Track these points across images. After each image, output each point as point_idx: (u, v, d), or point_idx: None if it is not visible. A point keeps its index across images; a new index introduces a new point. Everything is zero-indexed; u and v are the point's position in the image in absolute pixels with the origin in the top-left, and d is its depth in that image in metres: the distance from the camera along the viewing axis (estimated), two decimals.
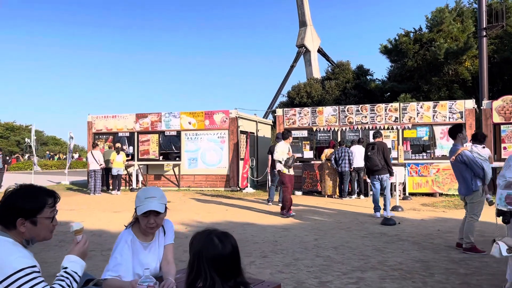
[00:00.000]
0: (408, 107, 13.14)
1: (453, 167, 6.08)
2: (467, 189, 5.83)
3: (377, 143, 8.92)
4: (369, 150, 8.91)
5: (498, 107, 12.13)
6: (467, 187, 5.81)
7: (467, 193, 5.86)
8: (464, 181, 5.83)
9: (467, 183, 5.78)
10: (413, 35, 20.94)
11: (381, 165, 8.77)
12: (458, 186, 6.11)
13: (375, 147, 8.83)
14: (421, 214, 9.15)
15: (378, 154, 8.77)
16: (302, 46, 41.86)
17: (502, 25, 16.50)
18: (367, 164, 8.99)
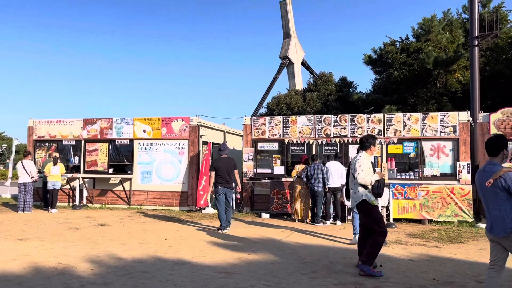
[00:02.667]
0: (393, 119, 11.38)
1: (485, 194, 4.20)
2: (503, 229, 3.97)
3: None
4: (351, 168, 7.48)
5: (497, 120, 10.46)
6: (504, 225, 3.96)
7: (501, 234, 3.98)
8: (500, 216, 3.98)
9: (504, 221, 3.95)
10: (399, 44, 19.44)
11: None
12: (489, 222, 4.17)
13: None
14: (408, 250, 7.26)
15: None
16: (286, 58, 40.40)
17: (496, 33, 15.03)
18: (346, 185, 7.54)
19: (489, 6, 18.39)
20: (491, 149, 4.20)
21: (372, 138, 5.90)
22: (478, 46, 14.97)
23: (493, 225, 4.05)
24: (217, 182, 8.92)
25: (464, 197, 10.33)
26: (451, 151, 10.95)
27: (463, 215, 10.29)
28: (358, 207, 5.79)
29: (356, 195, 5.78)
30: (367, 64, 21.06)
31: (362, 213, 5.78)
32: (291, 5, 39.62)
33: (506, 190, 3.97)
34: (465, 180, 10.63)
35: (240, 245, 7.57)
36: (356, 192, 5.78)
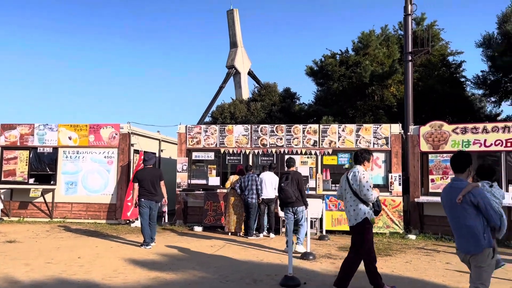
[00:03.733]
0: (328, 130, 11.36)
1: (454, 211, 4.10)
2: (476, 245, 3.90)
3: (291, 173, 8.06)
4: (282, 180, 7.97)
5: (426, 133, 10.71)
6: (476, 242, 3.89)
7: (475, 250, 3.90)
8: (471, 233, 3.92)
9: (476, 237, 3.90)
10: (339, 57, 19.82)
11: (295, 197, 7.93)
12: (458, 240, 4.09)
13: (289, 177, 7.94)
14: (336, 265, 7.08)
15: (292, 185, 7.91)
16: (232, 67, 40.26)
17: (428, 50, 15.69)
18: (280, 196, 8.06)
19: (422, 24, 19.23)
20: (458, 166, 4.15)
21: (367, 153, 5.61)
22: (412, 62, 15.54)
23: (465, 242, 3.97)
24: (141, 195, 8.31)
25: (395, 208, 10.44)
26: (384, 162, 11.08)
27: (394, 227, 10.38)
28: (357, 225, 5.29)
29: (356, 213, 5.29)
30: (309, 75, 21.28)
31: (358, 231, 5.30)
32: (238, 15, 39.62)
33: (474, 206, 3.94)
34: (397, 192, 10.76)
35: (161, 262, 7.03)
36: (356, 209, 5.30)
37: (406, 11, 15.34)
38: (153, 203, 8.37)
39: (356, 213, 5.28)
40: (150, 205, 8.34)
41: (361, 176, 5.28)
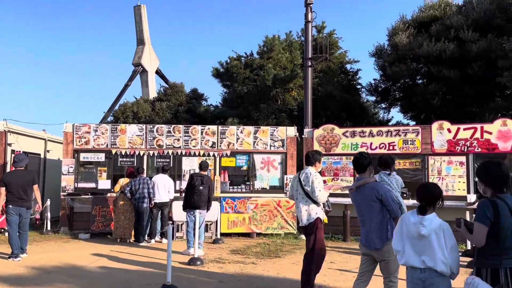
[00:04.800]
0: (227, 131, 11.22)
1: (361, 208, 4.34)
2: (381, 240, 4.08)
3: (205, 177, 8.34)
4: (198, 183, 8.16)
5: (319, 136, 11.08)
6: (380, 236, 4.07)
7: (380, 245, 4.07)
8: (378, 228, 4.10)
9: (381, 231, 4.07)
10: (244, 59, 19.94)
11: (206, 201, 8.32)
12: (366, 236, 4.20)
13: (204, 181, 8.22)
14: (224, 269, 6.90)
15: (205, 189, 8.21)
16: (139, 65, 38.65)
17: (326, 57, 16.38)
18: (193, 198, 8.15)
19: (323, 32, 20.11)
20: (359, 166, 4.49)
21: (318, 154, 5.68)
22: (312, 67, 16.12)
23: (370, 237, 4.14)
24: (8, 200, 7.34)
25: (289, 209, 10.61)
26: (280, 164, 11.24)
27: (288, 227, 10.54)
28: (309, 225, 5.37)
29: (308, 213, 5.37)
30: (215, 77, 21.11)
31: (310, 231, 5.39)
32: (146, 11, 38.18)
33: (379, 201, 4.15)
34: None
35: (28, 277, 6.24)
36: (308, 209, 5.38)
37: (306, 18, 15.87)
38: (23, 209, 7.44)
39: (308, 213, 5.37)
40: (20, 212, 7.40)
41: (313, 178, 5.37)
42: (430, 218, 3.30)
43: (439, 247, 3.26)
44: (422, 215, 3.34)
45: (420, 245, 3.32)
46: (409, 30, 17.37)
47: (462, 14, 16.22)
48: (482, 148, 9.65)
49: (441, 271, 3.24)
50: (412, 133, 10.31)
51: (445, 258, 3.24)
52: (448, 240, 3.27)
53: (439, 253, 3.25)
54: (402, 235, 3.42)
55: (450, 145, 9.94)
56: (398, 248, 3.44)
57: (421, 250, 3.31)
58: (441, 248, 3.25)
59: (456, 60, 15.57)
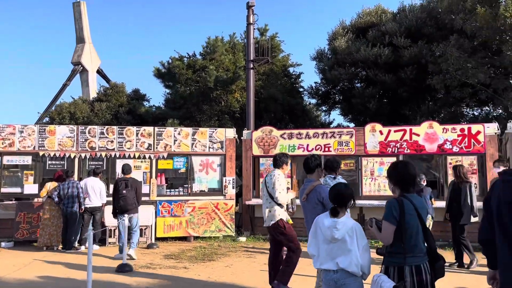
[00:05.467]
0: (164, 133, 10.93)
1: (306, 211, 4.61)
2: None
3: (130, 180, 8.17)
4: (122, 187, 7.98)
5: (258, 138, 11.10)
6: None
7: None
8: None
9: None
10: (187, 60, 19.63)
11: (135, 204, 8.14)
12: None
13: (129, 184, 8.04)
14: (154, 275, 6.67)
15: (131, 192, 8.05)
16: (79, 64, 37.03)
17: (267, 59, 16.48)
18: (119, 203, 7.97)
19: (265, 34, 20.25)
20: (307, 167, 4.65)
21: (285, 156, 5.74)
22: (254, 69, 16.15)
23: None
24: None
25: (228, 211, 10.52)
26: (219, 166, 11.12)
27: (226, 230, 10.44)
28: (273, 226, 5.49)
29: (272, 214, 5.48)
30: (156, 77, 20.59)
31: (278, 232, 5.49)
32: (86, 8, 36.61)
33: (321, 204, 4.23)
34: (231, 195, 10.88)
35: None
36: (272, 210, 5.49)
37: (248, 20, 15.88)
38: None
39: (272, 214, 5.46)
40: None
41: (275, 180, 5.44)
42: (343, 221, 3.34)
43: (352, 249, 3.30)
44: (335, 217, 3.37)
45: (334, 248, 3.34)
46: (348, 35, 17.93)
47: (396, 21, 16.99)
48: (411, 150, 10.10)
49: (353, 271, 3.28)
50: (347, 135, 10.60)
51: (357, 259, 3.28)
52: (360, 241, 3.32)
53: (352, 254, 3.29)
54: (317, 238, 3.42)
55: (382, 146, 10.31)
56: (313, 252, 3.44)
57: (335, 253, 3.33)
58: (354, 249, 3.30)
59: (391, 65, 16.28)
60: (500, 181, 2.39)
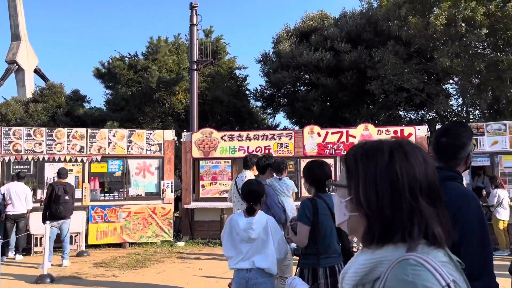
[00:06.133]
0: (97, 135, 10.42)
1: None
2: None
3: (67, 185, 8.01)
4: (61, 192, 7.71)
5: (198, 140, 10.86)
6: None
7: None
8: None
9: None
10: (128, 60, 18.99)
11: (72, 210, 8.05)
12: None
13: (67, 189, 7.85)
14: (78, 285, 6.26)
15: (71, 198, 7.92)
16: (14, 63, 34.83)
17: (211, 61, 16.30)
18: (58, 209, 7.67)
19: (211, 36, 20.05)
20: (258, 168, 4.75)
21: (255, 157, 5.66)
22: (197, 71, 15.90)
23: None
24: None
25: (165, 216, 10.19)
26: (157, 169, 10.76)
27: (163, 235, 10.11)
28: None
29: None
30: (96, 77, 19.77)
31: None
32: (22, 4, 34.55)
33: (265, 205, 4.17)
34: (169, 199, 10.56)
35: None
36: None
37: (191, 21, 15.64)
38: None
39: None
40: None
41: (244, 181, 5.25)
42: (257, 220, 3.24)
43: (268, 246, 3.21)
44: (251, 216, 3.26)
45: (252, 248, 3.23)
46: (292, 39, 18.15)
47: (338, 26, 17.42)
48: None
49: (269, 270, 3.20)
50: (286, 137, 10.63)
51: (274, 256, 3.20)
52: (275, 235, 3.24)
53: (269, 251, 3.21)
54: (233, 239, 3.30)
55: (320, 148, 10.44)
56: (230, 254, 3.31)
57: (252, 252, 3.22)
58: (270, 246, 3.21)
59: (332, 69, 16.64)
60: None
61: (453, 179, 2.03)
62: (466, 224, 1.82)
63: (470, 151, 2.15)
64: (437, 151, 2.19)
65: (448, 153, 2.13)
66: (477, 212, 1.88)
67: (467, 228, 1.81)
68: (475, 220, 1.84)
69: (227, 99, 19.83)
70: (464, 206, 1.86)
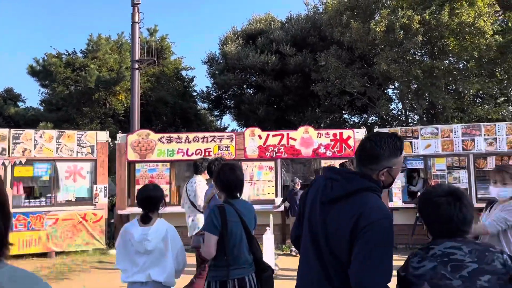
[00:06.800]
0: (22, 136, 9.64)
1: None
2: None
3: None
4: None
5: (134, 142, 10.36)
6: None
7: None
8: None
9: None
10: (66, 57, 17.98)
11: None
12: None
13: None
14: None
15: None
16: None
17: (154, 60, 15.74)
18: None
19: (155, 35, 19.47)
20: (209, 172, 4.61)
21: (206, 161, 5.43)
22: (139, 70, 15.30)
23: None
24: None
25: (97, 223, 9.61)
26: (89, 173, 10.13)
27: (94, 243, 9.52)
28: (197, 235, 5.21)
29: (195, 223, 5.32)
30: (31, 75, 18.55)
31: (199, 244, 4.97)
32: None
33: None
34: (102, 204, 9.97)
35: None
36: (194, 219, 5.34)
37: (133, 18, 15.05)
38: None
39: (194, 223, 5.26)
40: None
41: (196, 187, 5.23)
42: (155, 230, 2.95)
43: (167, 257, 2.93)
44: (147, 224, 2.97)
45: (148, 259, 2.94)
46: (238, 40, 17.98)
47: (284, 29, 17.47)
48: (288, 154, 10.22)
49: (166, 283, 2.93)
50: (227, 139, 10.39)
51: (172, 268, 2.93)
52: (174, 245, 2.97)
53: (167, 263, 2.93)
54: (128, 250, 2.99)
55: (260, 151, 10.28)
56: (124, 267, 2.99)
57: (148, 264, 2.93)
58: (169, 257, 2.94)
59: (278, 72, 16.65)
60: (322, 178, 2.13)
61: (373, 190, 1.94)
62: (373, 238, 1.79)
63: (394, 164, 1.99)
64: (358, 157, 2.07)
65: (366, 160, 2.00)
66: (390, 229, 1.84)
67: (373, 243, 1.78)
68: (386, 236, 1.81)
69: (173, 100, 19.32)
70: (377, 221, 1.81)
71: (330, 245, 1.94)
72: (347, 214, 1.88)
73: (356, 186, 1.91)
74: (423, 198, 1.97)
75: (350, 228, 1.84)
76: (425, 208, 1.93)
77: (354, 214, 1.86)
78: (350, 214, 1.87)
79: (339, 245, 1.89)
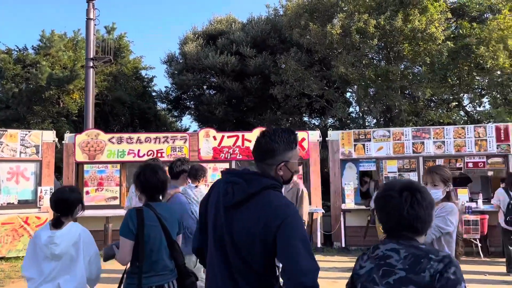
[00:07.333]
0: None
1: None
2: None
3: None
4: None
5: (82, 142, 9.94)
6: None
7: None
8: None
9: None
10: (16, 53, 17.13)
11: None
12: None
13: None
14: None
15: None
16: None
17: (110, 58, 15.25)
18: None
19: (113, 33, 18.92)
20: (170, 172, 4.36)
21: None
22: (94, 68, 14.79)
23: None
24: None
25: (40, 226, 9.11)
26: (33, 174, 9.64)
27: None
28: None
29: None
30: None
31: None
32: None
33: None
34: (47, 207, 9.48)
35: None
36: None
37: (88, 15, 14.59)
38: None
39: None
40: None
41: None
42: (63, 233, 2.74)
43: (78, 264, 2.73)
44: (58, 228, 2.76)
45: (57, 266, 2.72)
46: (199, 40, 17.74)
47: (244, 31, 17.38)
48: (243, 155, 10.10)
49: None
50: (180, 140, 10.16)
51: (83, 276, 2.73)
52: (86, 251, 2.77)
53: (78, 271, 2.72)
54: (36, 257, 2.76)
55: (215, 152, 10.12)
56: (31, 275, 2.76)
57: (58, 272, 2.71)
58: (80, 264, 2.74)
59: (238, 73, 16.52)
60: (222, 182, 2.03)
61: (274, 187, 1.93)
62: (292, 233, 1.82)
63: (290, 157, 1.99)
64: (255, 153, 2.04)
65: (263, 156, 1.98)
66: (300, 221, 1.89)
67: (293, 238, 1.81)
68: (301, 228, 1.85)
69: (131, 100, 18.82)
70: (289, 217, 1.84)
71: (239, 250, 1.87)
72: (253, 216, 1.85)
73: (257, 186, 1.88)
74: (378, 192, 1.90)
75: (260, 229, 1.82)
76: (377, 202, 1.85)
77: (261, 214, 1.84)
78: (256, 215, 1.85)
79: (249, 248, 1.85)
